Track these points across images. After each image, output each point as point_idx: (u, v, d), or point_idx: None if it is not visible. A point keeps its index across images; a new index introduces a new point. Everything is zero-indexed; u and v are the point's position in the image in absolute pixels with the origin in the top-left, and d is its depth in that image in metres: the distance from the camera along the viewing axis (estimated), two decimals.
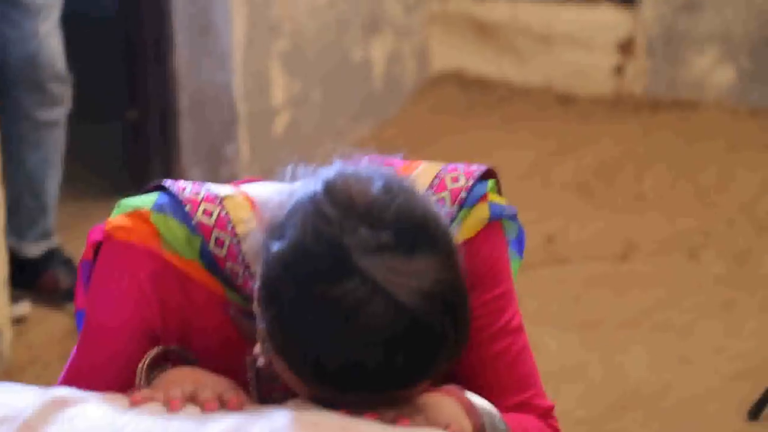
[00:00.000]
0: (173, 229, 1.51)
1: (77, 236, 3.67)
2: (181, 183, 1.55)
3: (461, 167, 1.56)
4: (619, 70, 4.90)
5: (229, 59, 3.93)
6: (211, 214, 1.51)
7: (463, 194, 1.53)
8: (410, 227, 1.34)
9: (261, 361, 1.42)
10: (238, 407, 1.39)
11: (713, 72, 4.83)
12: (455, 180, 1.55)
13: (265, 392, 1.52)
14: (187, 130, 3.98)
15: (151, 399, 1.40)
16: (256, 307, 1.40)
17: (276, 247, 1.36)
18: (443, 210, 1.45)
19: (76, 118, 3.59)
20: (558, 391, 3.04)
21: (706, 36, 4.82)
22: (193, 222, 1.51)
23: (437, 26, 4.95)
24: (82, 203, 3.92)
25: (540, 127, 4.60)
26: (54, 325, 3.35)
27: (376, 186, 1.36)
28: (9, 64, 3.30)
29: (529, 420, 1.53)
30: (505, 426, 1.47)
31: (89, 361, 1.54)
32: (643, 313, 3.49)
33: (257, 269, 1.40)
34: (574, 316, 3.45)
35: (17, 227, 3.37)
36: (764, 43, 4.76)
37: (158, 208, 1.52)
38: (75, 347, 1.58)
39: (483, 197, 1.55)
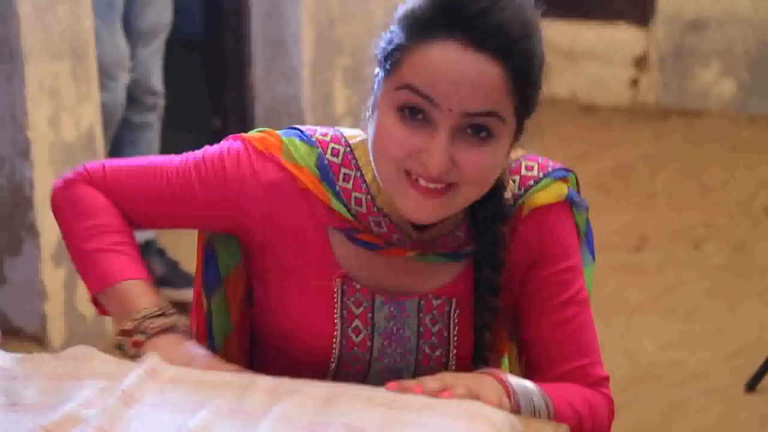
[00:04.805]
0: (296, 143, 1.49)
1: (170, 230, 3.69)
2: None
3: (540, 159, 1.51)
4: (634, 83, 4.87)
5: (298, 74, 3.94)
6: (326, 135, 1.50)
7: (530, 182, 1.48)
8: None
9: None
10: None
11: (717, 84, 4.79)
12: (529, 168, 1.49)
13: (349, 317, 1.49)
14: None
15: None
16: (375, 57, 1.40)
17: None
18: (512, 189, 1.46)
19: (168, 127, 3.61)
20: None
21: (711, 52, 4.77)
22: (313, 139, 1.49)
23: None
24: None
25: (565, 133, 4.57)
26: None
27: None
28: None
29: (575, 389, 1.47)
30: (545, 401, 1.41)
31: (165, 176, 1.51)
32: (653, 298, 3.46)
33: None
34: (593, 301, 3.42)
35: None
36: (762, 58, 4.72)
37: (285, 132, 1.51)
38: (161, 158, 1.54)
39: (564, 179, 1.50)
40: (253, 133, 1.51)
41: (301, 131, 1.49)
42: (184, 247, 3.55)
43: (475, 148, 1.36)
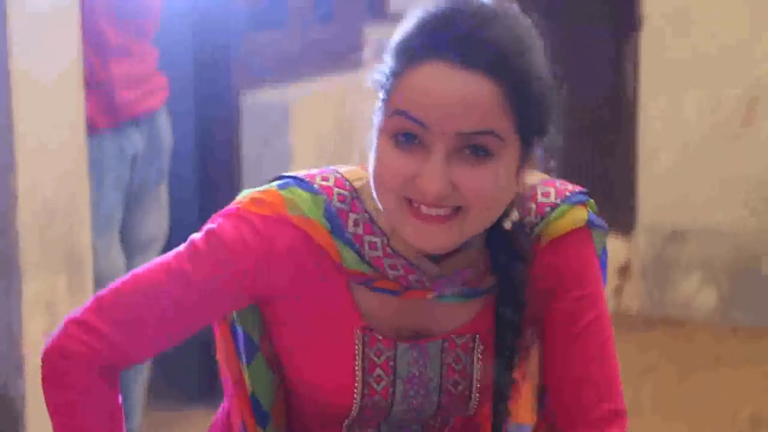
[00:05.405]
0: (298, 193, 1.40)
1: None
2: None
3: (558, 183, 1.45)
4: (617, 291, 4.89)
5: None
6: (328, 179, 1.41)
7: (547, 209, 1.42)
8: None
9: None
10: None
11: (698, 294, 4.81)
12: (546, 195, 1.43)
13: (371, 367, 1.43)
14: None
15: None
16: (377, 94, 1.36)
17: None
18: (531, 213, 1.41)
19: None
20: None
21: (692, 262, 4.82)
22: (315, 186, 1.41)
23: None
24: (163, 413, 3.88)
25: None
26: None
27: None
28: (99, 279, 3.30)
29: None
30: None
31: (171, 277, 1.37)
32: None
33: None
34: None
35: None
36: (741, 269, 4.75)
37: (281, 185, 1.41)
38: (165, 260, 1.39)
39: (583, 204, 1.44)
40: (244, 200, 1.40)
41: (300, 179, 1.41)
42: None
43: (473, 168, 1.31)
